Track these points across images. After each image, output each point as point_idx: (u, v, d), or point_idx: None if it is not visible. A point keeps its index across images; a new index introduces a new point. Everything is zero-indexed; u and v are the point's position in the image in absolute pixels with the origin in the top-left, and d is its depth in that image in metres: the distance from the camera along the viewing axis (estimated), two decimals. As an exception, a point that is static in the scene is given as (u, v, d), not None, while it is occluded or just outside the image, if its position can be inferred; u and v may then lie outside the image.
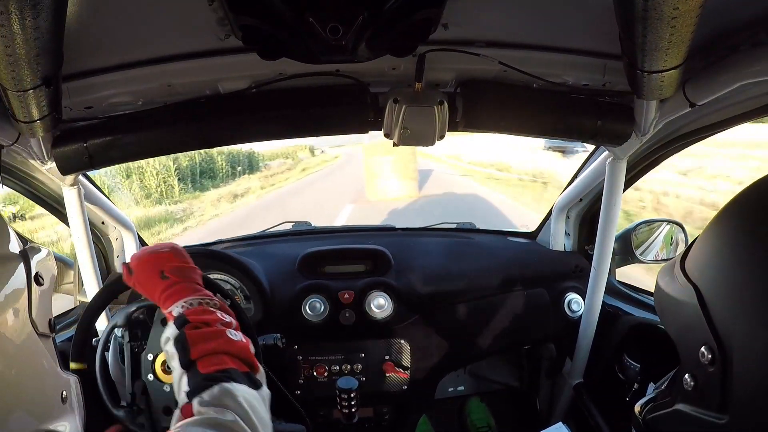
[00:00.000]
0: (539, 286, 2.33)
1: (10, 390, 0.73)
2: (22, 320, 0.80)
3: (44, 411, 0.81)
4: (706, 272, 0.76)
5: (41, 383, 0.82)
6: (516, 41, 1.44)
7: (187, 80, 1.51)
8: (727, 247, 0.74)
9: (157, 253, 1.31)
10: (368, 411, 2.26)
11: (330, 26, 1.12)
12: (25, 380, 0.78)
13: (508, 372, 2.87)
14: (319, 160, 38.43)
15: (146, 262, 1.30)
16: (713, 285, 0.73)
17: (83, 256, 1.87)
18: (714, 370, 0.68)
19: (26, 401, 0.76)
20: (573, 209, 2.40)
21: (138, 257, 1.33)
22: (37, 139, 1.47)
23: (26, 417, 0.75)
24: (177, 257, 1.31)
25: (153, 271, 1.27)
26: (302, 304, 2.16)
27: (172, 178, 21.75)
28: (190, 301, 1.18)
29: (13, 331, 0.76)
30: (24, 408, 0.75)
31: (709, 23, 1.06)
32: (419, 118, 1.57)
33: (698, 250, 0.80)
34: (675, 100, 1.38)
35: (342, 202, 14.54)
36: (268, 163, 32.08)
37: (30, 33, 0.91)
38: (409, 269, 2.32)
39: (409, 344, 2.19)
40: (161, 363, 1.45)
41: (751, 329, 0.65)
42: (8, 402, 0.72)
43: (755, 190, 0.73)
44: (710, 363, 0.69)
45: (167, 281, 1.24)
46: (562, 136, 1.72)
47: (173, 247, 1.35)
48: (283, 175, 28.54)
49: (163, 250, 1.32)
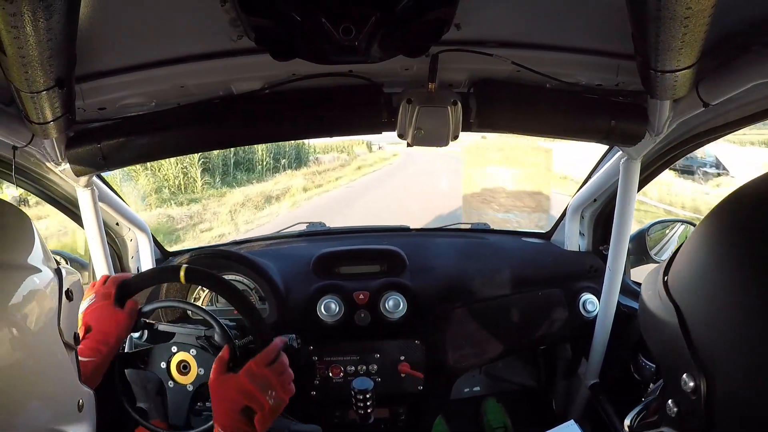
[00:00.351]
0: (554, 287, 2.32)
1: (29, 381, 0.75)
2: (51, 325, 0.83)
3: (60, 412, 0.83)
4: (686, 290, 0.72)
5: (60, 386, 0.84)
6: (529, 41, 1.44)
7: (200, 81, 1.52)
8: (708, 264, 0.69)
9: (264, 396, 1.24)
10: (384, 412, 2.25)
11: (342, 27, 1.13)
12: (46, 377, 0.80)
13: (523, 372, 2.86)
14: (377, 157, 33.64)
15: (248, 392, 1.24)
16: (694, 305, 0.69)
17: (98, 257, 1.88)
18: (696, 399, 0.65)
19: (44, 397, 0.79)
20: (587, 209, 2.39)
21: (254, 377, 1.26)
22: (50, 141, 1.48)
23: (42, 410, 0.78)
24: (272, 416, 1.26)
25: (243, 400, 1.24)
26: (317, 304, 2.15)
27: (194, 169, 18.39)
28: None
29: (41, 332, 0.79)
30: (40, 402, 0.77)
31: (722, 23, 1.06)
32: (433, 119, 1.57)
33: (679, 263, 0.75)
34: (688, 100, 1.38)
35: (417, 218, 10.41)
36: (319, 156, 27.26)
37: (43, 34, 0.92)
38: (424, 270, 2.32)
39: (425, 345, 2.18)
40: (176, 365, 1.48)
41: (734, 358, 0.61)
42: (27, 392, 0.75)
43: (737, 200, 0.68)
44: (692, 392, 0.65)
45: (245, 420, 1.23)
46: (576, 137, 1.72)
47: (276, 409, 1.27)
48: (334, 172, 24.97)
49: (270, 402, 1.25)
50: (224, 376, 1.28)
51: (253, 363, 1.28)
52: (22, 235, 0.83)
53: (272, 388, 1.26)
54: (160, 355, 1.49)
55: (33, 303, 0.78)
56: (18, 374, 0.73)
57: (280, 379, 1.29)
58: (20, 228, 0.83)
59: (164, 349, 1.49)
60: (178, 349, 1.48)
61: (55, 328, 0.84)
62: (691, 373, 0.65)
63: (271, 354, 1.31)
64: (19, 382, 0.73)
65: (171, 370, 1.48)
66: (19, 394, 0.72)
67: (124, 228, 2.29)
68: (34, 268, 0.80)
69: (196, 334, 1.49)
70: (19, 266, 0.77)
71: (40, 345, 0.79)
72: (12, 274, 0.75)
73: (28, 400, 0.74)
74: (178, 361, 1.48)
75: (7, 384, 0.70)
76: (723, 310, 0.63)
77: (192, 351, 1.47)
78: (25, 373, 0.74)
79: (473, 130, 1.68)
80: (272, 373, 1.28)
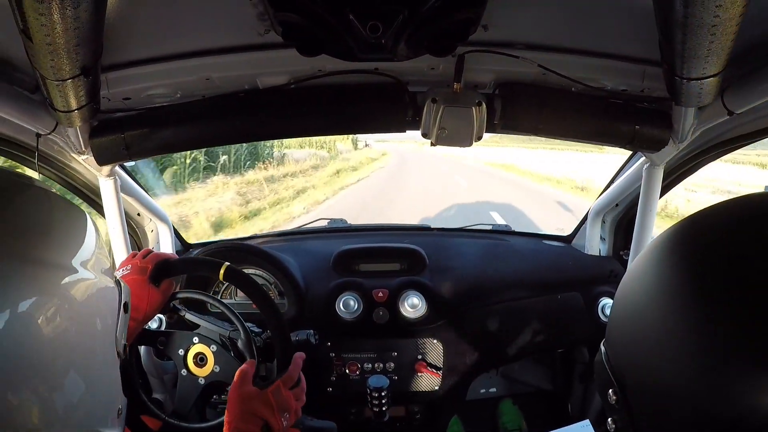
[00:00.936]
0: (573, 290, 2.31)
1: (86, 383, 0.79)
2: (109, 334, 0.87)
3: (102, 416, 0.86)
4: (611, 318, 0.82)
5: (108, 392, 0.87)
6: (555, 44, 1.45)
7: (225, 74, 1.53)
8: (623, 294, 0.79)
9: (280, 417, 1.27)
10: (400, 410, 2.26)
11: (370, 24, 1.13)
12: (99, 383, 0.83)
13: (540, 375, 2.85)
14: (363, 157, 28.53)
15: (271, 409, 1.26)
16: (611, 333, 0.80)
17: (118, 247, 1.90)
18: (620, 408, 0.73)
19: (93, 401, 0.82)
20: (609, 214, 2.39)
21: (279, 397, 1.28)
22: (74, 129, 1.49)
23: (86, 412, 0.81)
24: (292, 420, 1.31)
25: (265, 416, 1.25)
26: (336, 301, 2.16)
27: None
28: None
29: (101, 341, 0.83)
30: (89, 405, 0.81)
31: (750, 31, 1.06)
32: (457, 119, 1.59)
33: None
34: (713, 108, 1.37)
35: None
36: (287, 152, 20.30)
37: (70, 23, 0.93)
38: (444, 269, 2.32)
39: (442, 344, 2.18)
40: (193, 356, 1.49)
41: (636, 365, 0.71)
42: (79, 396, 0.78)
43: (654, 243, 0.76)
44: (616, 402, 0.74)
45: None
46: (600, 141, 1.72)
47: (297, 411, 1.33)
48: (298, 179, 17.28)
49: (283, 422, 1.27)
50: (252, 389, 1.29)
51: (281, 383, 1.30)
52: (99, 246, 0.86)
53: (289, 411, 1.29)
54: (180, 341, 1.50)
55: (100, 312, 0.82)
56: (76, 375, 0.76)
57: (297, 404, 1.33)
58: (96, 238, 0.86)
59: (185, 337, 1.50)
60: (199, 341, 1.49)
61: (113, 338, 0.88)
62: (613, 389, 0.74)
63: (294, 376, 1.35)
64: (75, 383, 0.76)
65: (188, 359, 1.50)
66: (73, 393, 0.76)
67: (145, 218, 2.31)
68: (106, 280, 0.84)
69: (220, 332, 1.50)
70: (92, 277, 0.81)
71: (98, 354, 0.82)
72: (89, 284, 0.79)
73: (79, 398, 0.77)
74: (196, 352, 1.49)
75: (63, 386, 0.73)
76: (627, 328, 0.75)
77: (212, 347, 1.49)
78: (82, 375, 0.77)
79: (497, 131, 1.70)
80: (293, 397, 1.32)
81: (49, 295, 0.73)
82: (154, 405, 1.49)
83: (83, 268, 0.81)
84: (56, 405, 0.72)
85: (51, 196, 0.83)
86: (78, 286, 0.78)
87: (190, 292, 1.58)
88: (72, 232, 0.84)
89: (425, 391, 2.20)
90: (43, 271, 0.73)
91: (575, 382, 2.61)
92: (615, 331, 0.79)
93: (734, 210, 0.69)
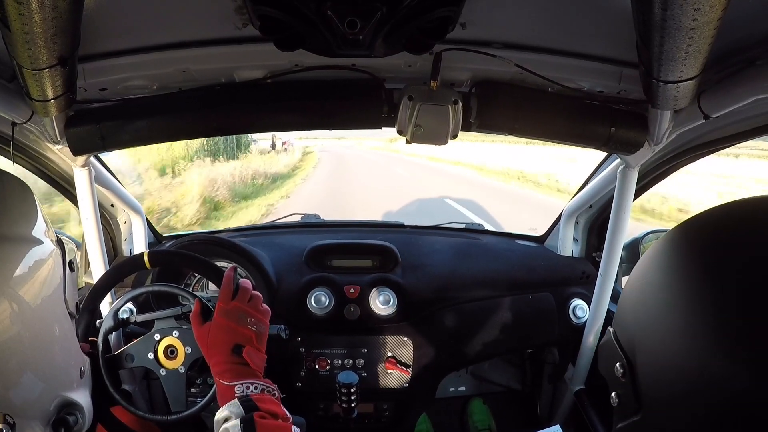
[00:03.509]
0: (545, 291, 2.33)
1: (40, 354, 0.77)
2: (57, 296, 0.86)
3: (66, 381, 0.86)
4: (621, 301, 0.92)
5: (67, 355, 0.88)
6: (533, 44, 1.44)
7: (202, 67, 1.52)
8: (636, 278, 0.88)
9: (245, 327, 1.27)
10: (368, 407, 2.26)
11: (348, 20, 1.12)
12: (55, 349, 0.83)
13: (509, 374, 2.87)
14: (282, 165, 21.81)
15: (229, 329, 1.26)
16: (622, 311, 0.90)
17: (91, 237, 1.88)
18: (626, 381, 0.82)
19: (53, 367, 0.81)
20: (582, 215, 2.40)
21: (227, 313, 1.28)
22: (50, 119, 1.48)
23: (50, 379, 0.79)
24: (260, 342, 1.29)
25: (229, 339, 1.25)
26: (308, 296, 2.16)
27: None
28: (255, 385, 1.19)
29: (49, 303, 0.82)
30: (48, 372, 0.79)
31: (727, 36, 1.06)
32: (433, 117, 1.58)
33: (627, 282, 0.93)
34: (689, 112, 1.38)
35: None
36: None
37: (48, 12, 0.92)
38: (416, 267, 2.33)
39: (412, 342, 2.19)
40: (163, 351, 1.49)
41: (646, 341, 0.80)
42: (35, 365, 0.76)
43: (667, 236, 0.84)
44: (622, 376, 0.83)
45: (238, 359, 1.23)
46: (575, 142, 1.71)
47: (261, 333, 1.30)
48: None
49: (253, 329, 1.28)
50: (203, 327, 1.29)
51: (220, 302, 1.29)
52: (26, 207, 0.85)
53: (248, 315, 1.28)
54: (145, 346, 1.50)
55: (39, 274, 0.80)
56: (26, 346, 0.74)
57: (251, 304, 1.31)
58: (23, 200, 0.85)
59: (148, 339, 1.50)
60: (161, 336, 1.49)
61: (61, 298, 0.88)
62: (621, 362, 0.84)
63: (229, 286, 1.32)
64: (26, 354, 0.75)
65: (159, 358, 1.49)
66: (30, 363, 0.74)
67: (118, 210, 2.30)
68: (37, 240, 0.82)
69: (174, 315, 1.50)
70: (23, 238, 0.79)
71: (48, 316, 0.82)
72: (17, 247, 0.77)
73: (39, 366, 0.76)
74: (165, 346, 1.49)
75: (12, 355, 0.71)
76: (639, 312, 0.84)
77: (174, 333, 1.49)
78: (34, 344, 0.76)
79: (473, 130, 1.69)
80: (241, 302, 1.30)
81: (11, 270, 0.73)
82: (122, 396, 1.47)
83: (43, 237, 0.82)
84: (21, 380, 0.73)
85: (1, 174, 0.83)
86: (34, 254, 0.78)
87: (160, 286, 1.58)
88: (25, 204, 0.85)
89: (394, 388, 2.21)
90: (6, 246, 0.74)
91: (545, 382, 2.63)
92: (628, 315, 0.87)
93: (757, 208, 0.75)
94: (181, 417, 1.48)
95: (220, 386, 1.20)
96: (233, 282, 1.33)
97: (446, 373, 2.36)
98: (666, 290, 0.78)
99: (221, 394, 1.19)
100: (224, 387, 1.19)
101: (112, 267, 1.69)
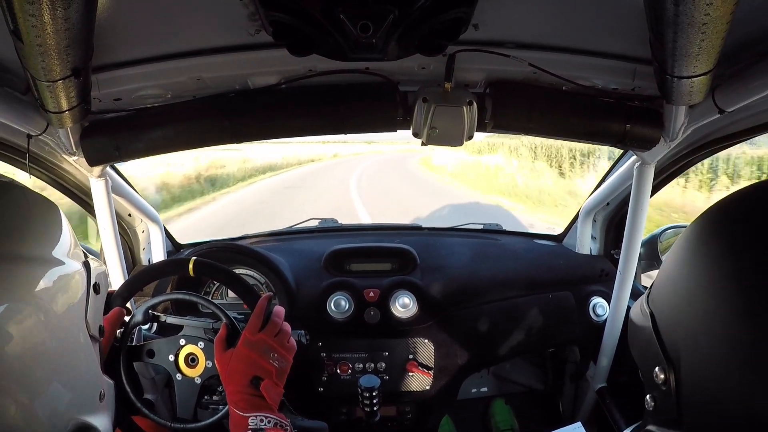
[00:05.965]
0: (564, 290, 2.32)
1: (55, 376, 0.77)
2: (78, 318, 0.85)
3: (82, 402, 0.84)
4: (660, 298, 0.80)
5: (85, 377, 0.86)
6: (546, 43, 1.44)
7: (216, 74, 1.52)
8: (677, 273, 0.76)
9: (267, 362, 1.26)
10: (391, 410, 2.25)
11: (360, 24, 1.13)
12: (71, 368, 0.82)
13: (531, 374, 2.86)
14: None
15: (250, 360, 1.26)
16: (665, 310, 0.77)
17: (109, 247, 1.89)
18: (666, 389, 0.73)
19: (68, 386, 0.80)
20: (600, 213, 2.40)
21: (252, 345, 1.27)
22: (65, 130, 1.50)
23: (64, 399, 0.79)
24: (279, 378, 1.28)
25: (249, 371, 1.25)
26: (327, 301, 2.17)
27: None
28: (270, 419, 1.20)
29: (67, 324, 0.81)
30: (63, 391, 0.79)
31: (740, 30, 1.06)
32: (448, 118, 1.58)
33: (659, 277, 0.83)
34: (704, 106, 1.37)
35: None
36: None
37: (60, 24, 0.92)
38: (435, 269, 2.32)
39: (433, 344, 2.18)
40: (184, 358, 1.49)
41: (695, 351, 0.68)
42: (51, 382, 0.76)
43: (706, 216, 0.74)
44: (663, 383, 0.74)
45: (255, 391, 1.23)
46: (591, 140, 1.71)
47: (283, 369, 1.30)
48: None
49: (275, 364, 1.27)
50: (226, 353, 1.29)
51: (247, 331, 1.29)
52: (51, 227, 0.84)
53: (272, 350, 1.28)
54: (168, 347, 1.50)
55: (59, 296, 0.79)
56: (44, 365, 0.74)
57: (278, 339, 1.31)
58: (49, 219, 0.84)
59: (172, 341, 1.50)
60: (186, 342, 1.49)
61: (82, 320, 0.86)
62: (662, 366, 0.74)
63: (260, 317, 1.32)
64: (44, 373, 0.74)
65: (179, 362, 1.49)
66: (44, 384, 0.74)
67: (136, 219, 2.31)
68: (57, 261, 0.81)
69: (204, 327, 1.49)
70: (44, 259, 0.78)
71: (66, 337, 0.80)
72: (37, 268, 0.76)
73: (51, 388, 0.75)
74: (187, 353, 1.49)
75: (32, 373, 0.71)
76: (686, 312, 0.71)
77: (200, 344, 1.48)
78: (52, 364, 0.75)
79: (488, 131, 1.69)
80: (268, 336, 1.29)
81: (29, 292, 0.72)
82: (146, 406, 1.47)
83: (64, 257, 0.80)
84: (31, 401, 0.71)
85: (26, 192, 0.82)
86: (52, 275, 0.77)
87: (160, 296, 1.57)
88: (49, 224, 0.84)
89: (416, 391, 2.20)
90: (25, 267, 0.73)
91: (566, 381, 2.62)
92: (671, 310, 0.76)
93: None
94: (186, 429, 1.47)
95: (233, 414, 1.21)
96: (264, 312, 1.33)
97: (468, 375, 2.34)
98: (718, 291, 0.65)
99: (234, 422, 1.20)
100: (238, 417, 1.20)
101: (155, 263, 1.69)
